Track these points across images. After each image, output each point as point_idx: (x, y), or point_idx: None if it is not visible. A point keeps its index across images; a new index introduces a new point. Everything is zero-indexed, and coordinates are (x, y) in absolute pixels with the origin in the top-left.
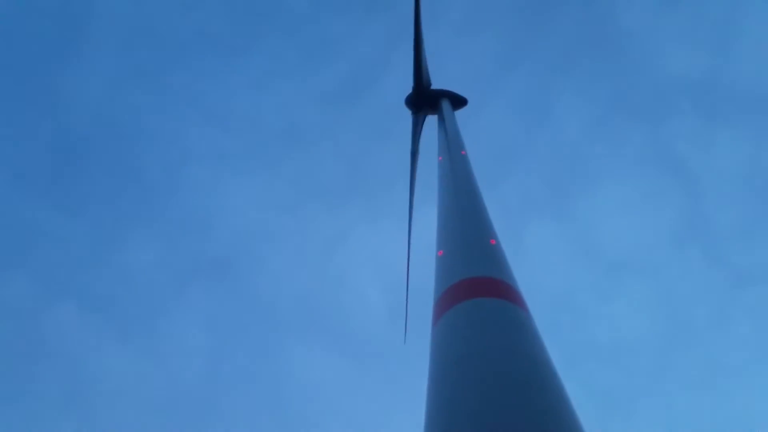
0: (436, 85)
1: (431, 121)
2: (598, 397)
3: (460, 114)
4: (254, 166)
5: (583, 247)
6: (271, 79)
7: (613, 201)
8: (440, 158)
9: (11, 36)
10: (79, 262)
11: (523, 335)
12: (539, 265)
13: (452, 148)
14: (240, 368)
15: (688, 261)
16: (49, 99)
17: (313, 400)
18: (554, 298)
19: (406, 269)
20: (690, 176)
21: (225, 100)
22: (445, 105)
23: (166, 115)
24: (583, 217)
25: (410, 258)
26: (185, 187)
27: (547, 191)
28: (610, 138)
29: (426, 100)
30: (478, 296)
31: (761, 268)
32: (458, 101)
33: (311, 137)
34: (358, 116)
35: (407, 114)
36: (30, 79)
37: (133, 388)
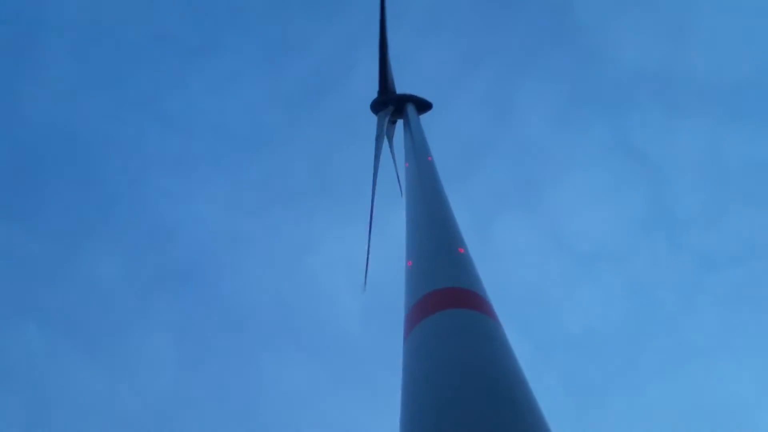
0: (399, 87)
1: (398, 126)
2: (572, 387)
3: (426, 115)
4: (218, 171)
5: (552, 238)
6: (232, 82)
7: (579, 192)
8: (407, 164)
9: None
10: (37, 277)
11: (493, 346)
12: (509, 259)
13: (418, 154)
14: (211, 378)
15: (655, 248)
16: (2, 107)
17: (287, 407)
18: (525, 290)
19: (369, 217)
20: (652, 165)
21: (185, 104)
22: (411, 110)
23: (125, 123)
24: (551, 209)
25: (373, 209)
26: (147, 196)
27: (513, 185)
28: (573, 131)
29: (391, 104)
30: (447, 308)
31: (724, 252)
32: (423, 105)
33: (276, 140)
34: (324, 118)
35: (374, 117)
36: None
37: (101, 405)
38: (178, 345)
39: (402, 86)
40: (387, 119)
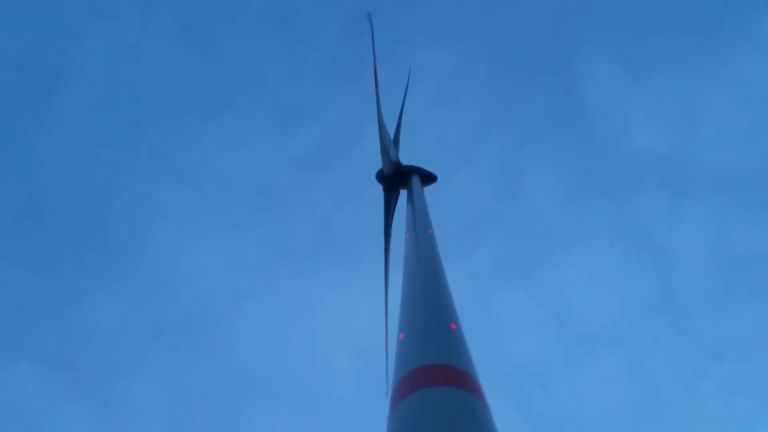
0: (404, 158)
1: (402, 196)
2: None
3: (431, 187)
4: (223, 226)
5: (554, 317)
6: (244, 141)
7: (583, 272)
8: (407, 236)
9: None
10: (37, 321)
11: (480, 429)
12: (510, 335)
13: (419, 226)
14: None
15: (658, 333)
16: (17, 154)
17: None
18: (524, 368)
19: (384, 344)
20: (658, 250)
21: (197, 160)
22: (415, 181)
23: (136, 174)
24: (554, 288)
25: (388, 332)
26: (152, 247)
27: (517, 261)
28: (579, 211)
29: (397, 175)
30: (433, 385)
31: (728, 341)
32: (428, 177)
33: (283, 200)
34: (331, 181)
35: (378, 186)
36: None
37: None
38: (170, 397)
39: (407, 155)
40: (394, 212)
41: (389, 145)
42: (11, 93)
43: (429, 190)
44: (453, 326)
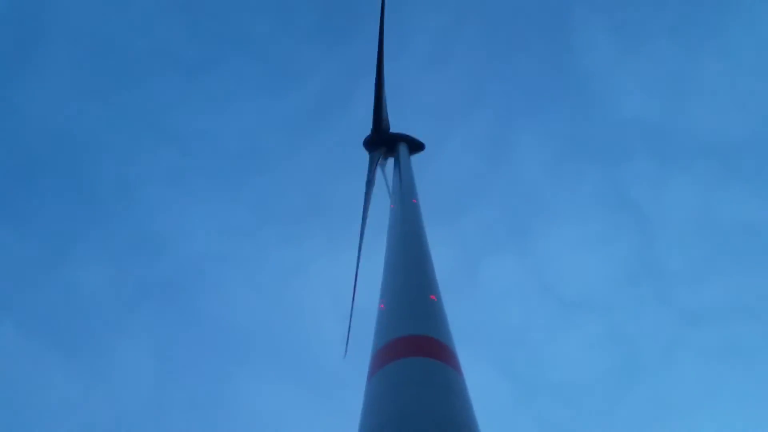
0: (395, 121)
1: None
2: None
3: (421, 153)
4: (212, 188)
5: (538, 283)
6: (232, 101)
7: (568, 239)
8: (392, 206)
9: None
10: (21, 280)
11: (450, 398)
12: (495, 300)
13: (404, 195)
14: (187, 395)
15: (640, 300)
16: (1, 111)
17: (259, 428)
18: (508, 333)
19: (352, 290)
20: (643, 218)
21: (183, 120)
22: (402, 149)
23: (123, 133)
24: (539, 254)
25: (357, 282)
26: (139, 207)
27: (505, 227)
28: (567, 177)
29: (384, 142)
30: (410, 355)
31: (708, 309)
32: (416, 146)
33: (272, 162)
34: (321, 143)
35: (366, 153)
36: None
37: (77, 412)
38: (157, 357)
39: (398, 120)
40: (377, 164)
41: (385, 107)
42: None
43: (416, 157)
44: (433, 297)
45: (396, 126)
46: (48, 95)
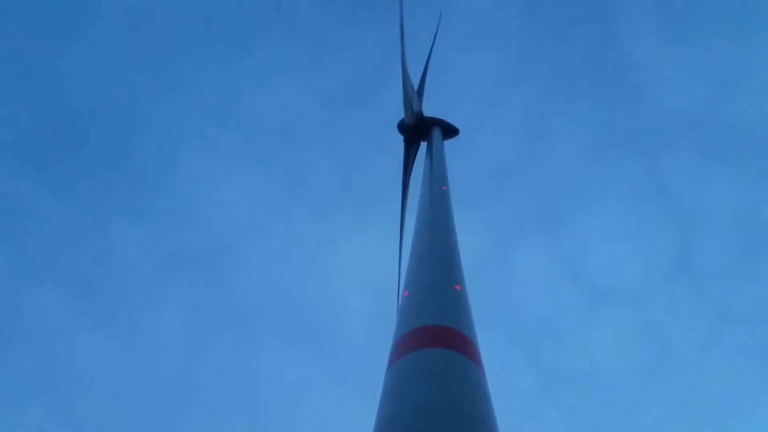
0: (430, 103)
1: (422, 147)
2: (572, 424)
3: (454, 140)
4: (248, 162)
5: (572, 272)
6: (272, 77)
7: (605, 229)
8: (421, 192)
9: (14, 11)
10: (62, 244)
11: (470, 392)
12: (526, 286)
13: (434, 182)
14: (216, 365)
15: (675, 295)
16: (48, 78)
17: (284, 400)
18: (538, 320)
19: (396, 298)
20: (682, 211)
21: (224, 93)
22: (436, 134)
23: (164, 104)
24: (574, 242)
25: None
26: (176, 178)
27: (539, 215)
28: (606, 166)
29: (418, 127)
30: (432, 346)
31: (745, 308)
32: (450, 131)
33: (308, 138)
34: (357, 122)
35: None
36: (30, 56)
37: (107, 376)
38: (187, 326)
39: (434, 102)
40: (413, 164)
41: (413, 96)
42: (42, 15)
43: (451, 142)
44: (457, 288)
45: (432, 107)
46: (94, 63)
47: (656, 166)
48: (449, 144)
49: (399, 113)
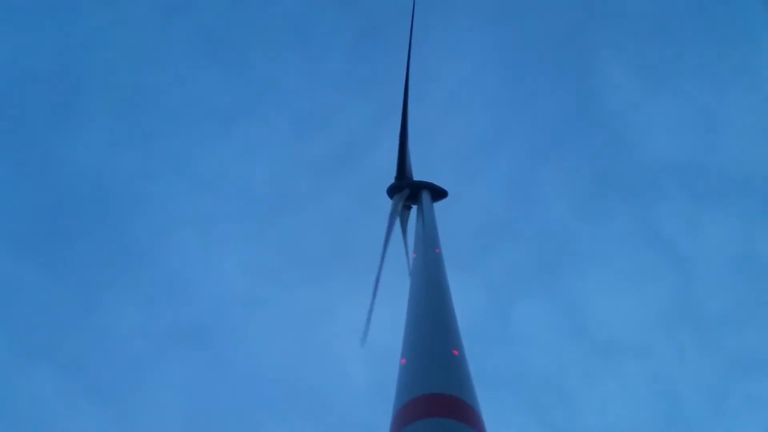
0: (419, 165)
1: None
2: None
3: (448, 193)
4: (241, 233)
5: (572, 326)
6: (262, 148)
7: (603, 281)
8: (414, 255)
9: (7, 94)
10: (57, 325)
11: None
12: (528, 345)
13: (427, 245)
14: None
15: (680, 345)
16: (40, 159)
17: None
18: (543, 378)
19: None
20: (679, 258)
21: (215, 167)
22: (425, 197)
23: (155, 180)
24: (572, 296)
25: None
26: (170, 253)
27: (535, 269)
28: (599, 218)
29: (406, 189)
30: (433, 416)
31: (755, 355)
32: (438, 193)
33: (299, 207)
34: (348, 188)
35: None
36: (23, 137)
37: None
38: (186, 403)
39: (421, 165)
40: (401, 203)
41: (408, 157)
42: (36, 99)
43: (441, 203)
44: (455, 352)
45: (419, 170)
46: (85, 144)
47: (648, 214)
48: (439, 206)
49: (388, 175)
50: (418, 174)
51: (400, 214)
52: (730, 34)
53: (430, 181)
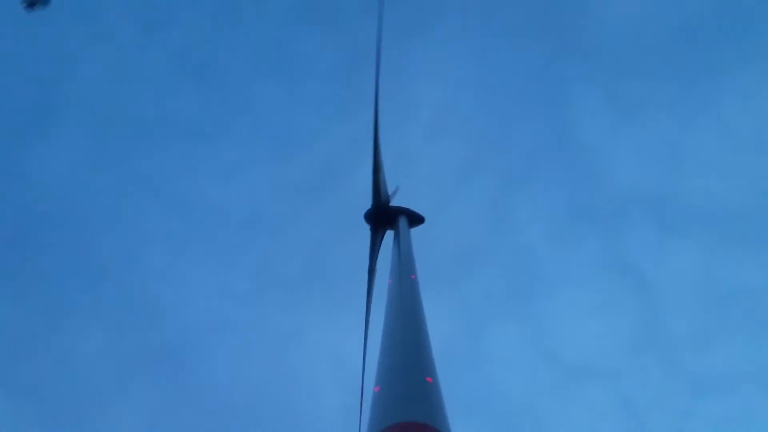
0: (399, 192)
1: (389, 235)
2: None
3: (425, 217)
4: (213, 255)
5: (544, 350)
6: (237, 169)
7: (573, 306)
8: (390, 281)
9: None
10: (13, 345)
11: None
12: (500, 367)
13: (403, 271)
14: None
15: (646, 368)
16: (9, 175)
17: None
18: (514, 402)
19: (360, 383)
20: (645, 284)
21: (189, 187)
22: (402, 223)
23: (127, 200)
24: (544, 320)
25: (365, 371)
26: (140, 274)
27: (508, 293)
28: (568, 245)
29: (384, 215)
30: None
31: (715, 378)
32: (415, 219)
33: (274, 229)
34: (324, 211)
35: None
36: None
37: None
38: (152, 427)
39: (402, 190)
40: (379, 250)
41: (384, 180)
42: (8, 115)
43: (418, 229)
44: (429, 380)
45: (397, 195)
46: (57, 162)
47: (617, 241)
48: (415, 230)
49: (364, 200)
50: (395, 199)
51: (374, 239)
52: (695, 72)
53: (407, 207)
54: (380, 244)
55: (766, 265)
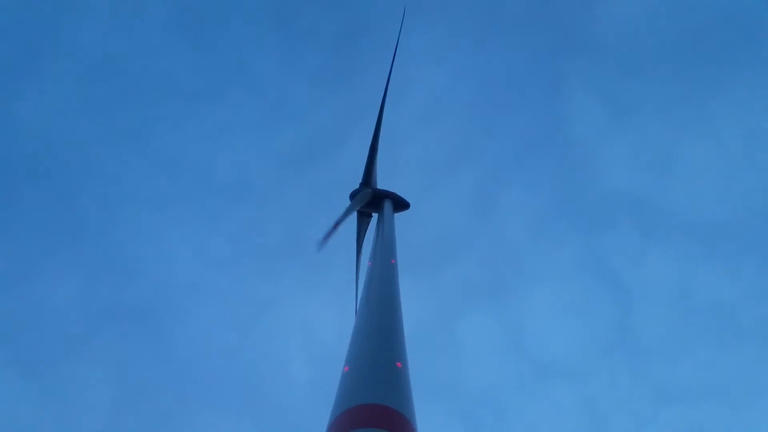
0: (386, 174)
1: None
2: None
3: (403, 213)
4: (194, 217)
5: (515, 344)
6: (226, 133)
7: (547, 303)
8: (370, 263)
9: None
10: None
11: None
12: (470, 357)
13: (383, 255)
14: (142, 425)
15: (614, 371)
16: None
17: None
18: (480, 392)
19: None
20: (621, 289)
21: (175, 146)
22: (387, 207)
23: (111, 152)
24: (517, 315)
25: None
26: (117, 229)
27: (484, 285)
28: (549, 241)
29: (371, 198)
30: (369, 426)
31: (680, 387)
32: (401, 204)
33: (258, 197)
34: (310, 184)
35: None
36: None
37: (24, 429)
38: (117, 384)
39: (387, 172)
40: (366, 231)
41: (375, 166)
42: None
43: (402, 214)
44: (399, 365)
45: (384, 178)
46: (41, 105)
47: (597, 243)
48: (399, 215)
49: (351, 176)
50: (382, 182)
51: (359, 221)
52: (694, 79)
53: (393, 191)
54: (367, 225)
55: (743, 281)
